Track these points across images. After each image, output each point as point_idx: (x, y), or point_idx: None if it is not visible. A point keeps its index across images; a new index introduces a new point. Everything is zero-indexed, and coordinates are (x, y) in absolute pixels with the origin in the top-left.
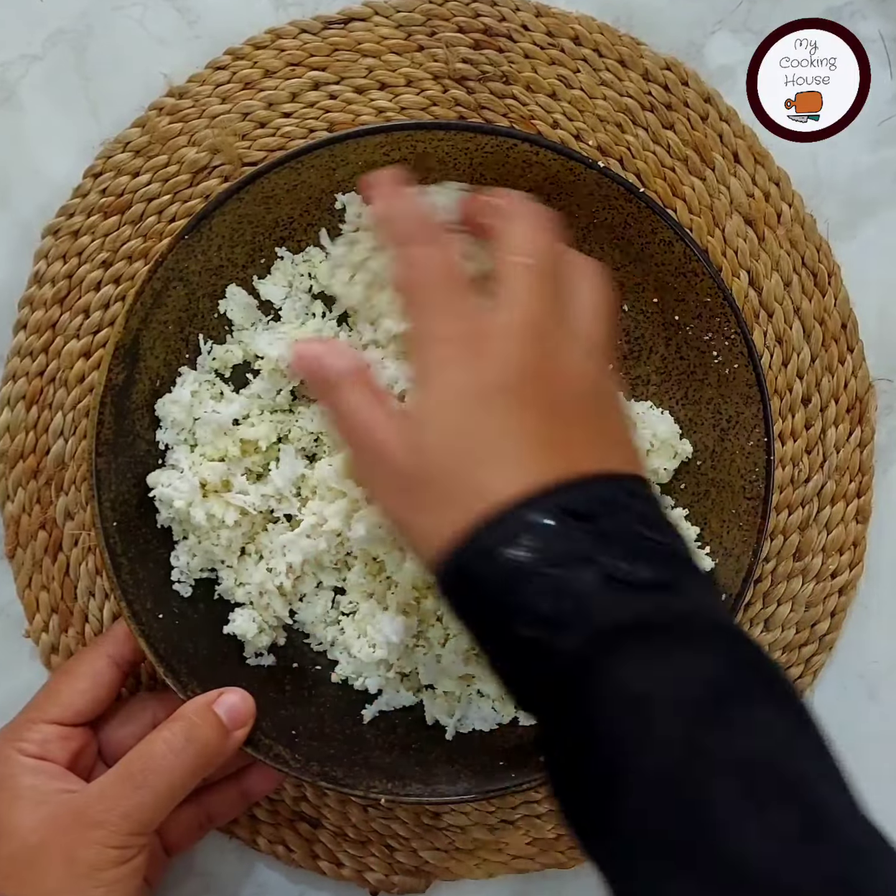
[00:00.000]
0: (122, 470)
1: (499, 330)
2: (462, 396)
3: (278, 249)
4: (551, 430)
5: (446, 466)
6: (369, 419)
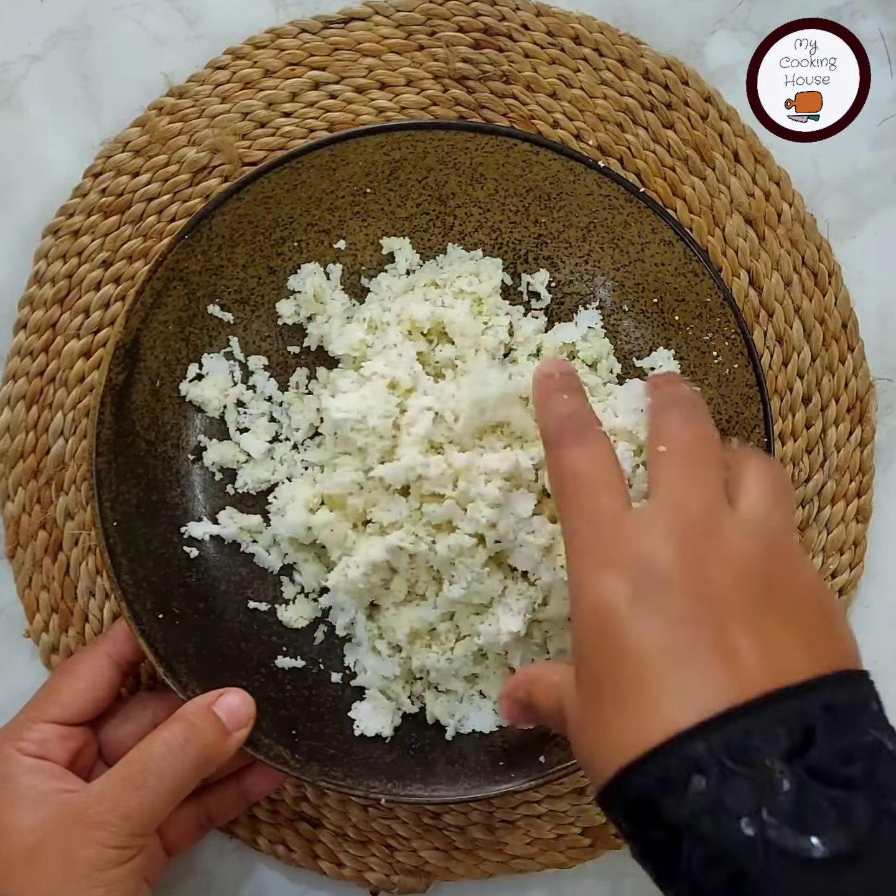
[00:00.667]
0: (122, 470)
1: (638, 528)
2: (606, 606)
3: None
4: (703, 636)
5: (604, 682)
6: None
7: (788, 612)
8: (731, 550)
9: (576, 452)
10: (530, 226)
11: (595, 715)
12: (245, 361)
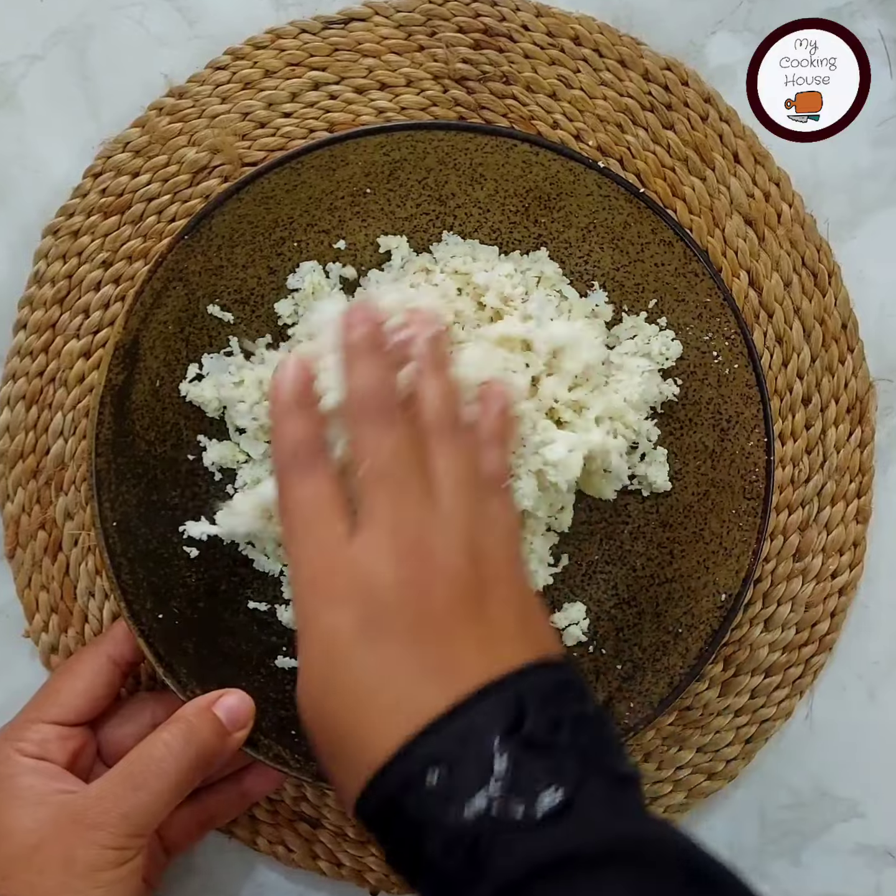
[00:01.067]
0: (121, 470)
1: (356, 556)
2: (333, 643)
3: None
4: (425, 652)
5: (332, 725)
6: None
7: (497, 614)
8: (440, 563)
9: (302, 482)
10: (530, 226)
11: (330, 749)
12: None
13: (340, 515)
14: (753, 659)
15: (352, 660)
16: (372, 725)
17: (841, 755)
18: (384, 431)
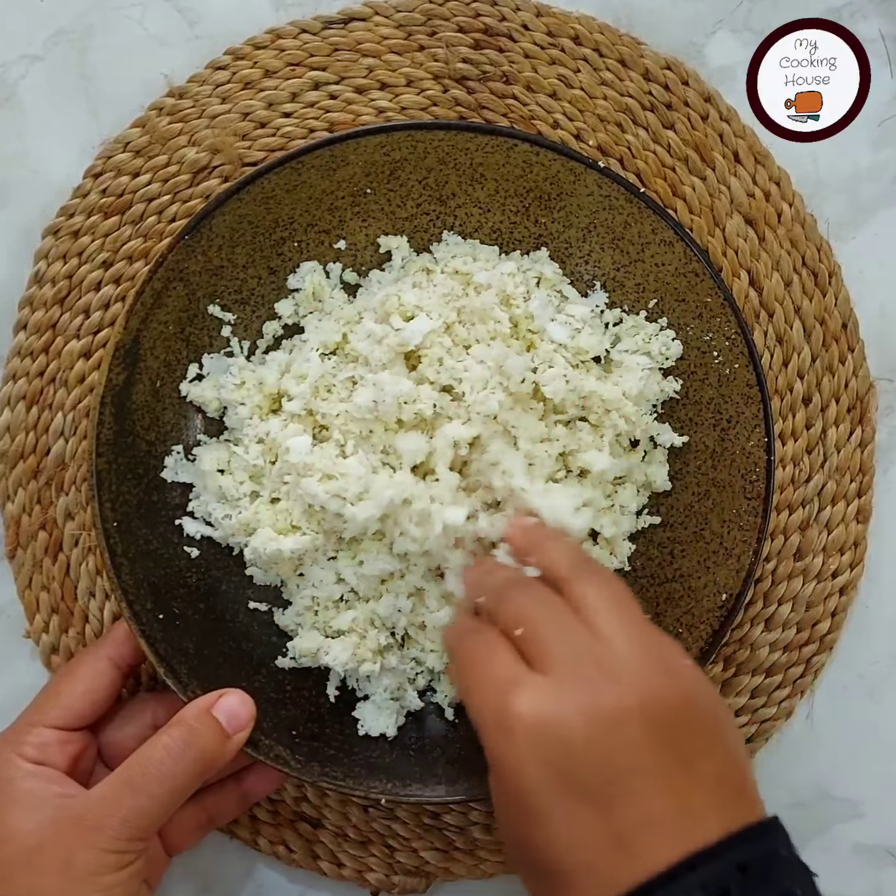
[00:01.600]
0: (122, 470)
1: (545, 703)
2: (526, 793)
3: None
4: (618, 815)
5: (530, 861)
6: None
7: (702, 773)
8: (644, 706)
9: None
10: (530, 226)
11: (526, 875)
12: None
13: (513, 654)
14: (754, 659)
15: (549, 815)
16: (572, 886)
17: (841, 755)
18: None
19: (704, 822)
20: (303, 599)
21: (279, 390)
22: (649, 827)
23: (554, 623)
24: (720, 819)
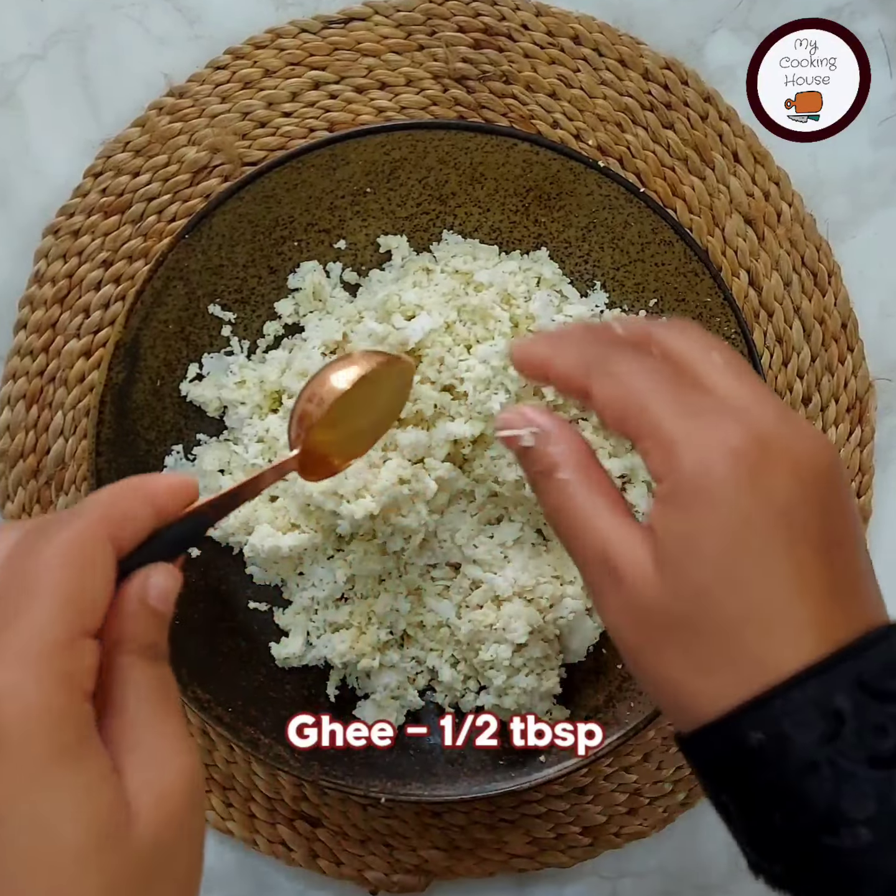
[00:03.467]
0: (122, 470)
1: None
2: (730, 526)
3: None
4: (828, 572)
5: (721, 620)
6: (600, 528)
7: (849, 551)
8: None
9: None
10: (530, 225)
11: (688, 645)
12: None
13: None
14: None
15: (757, 550)
16: (777, 637)
17: None
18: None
19: (846, 622)
20: (302, 599)
21: (280, 389)
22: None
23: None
24: (858, 621)
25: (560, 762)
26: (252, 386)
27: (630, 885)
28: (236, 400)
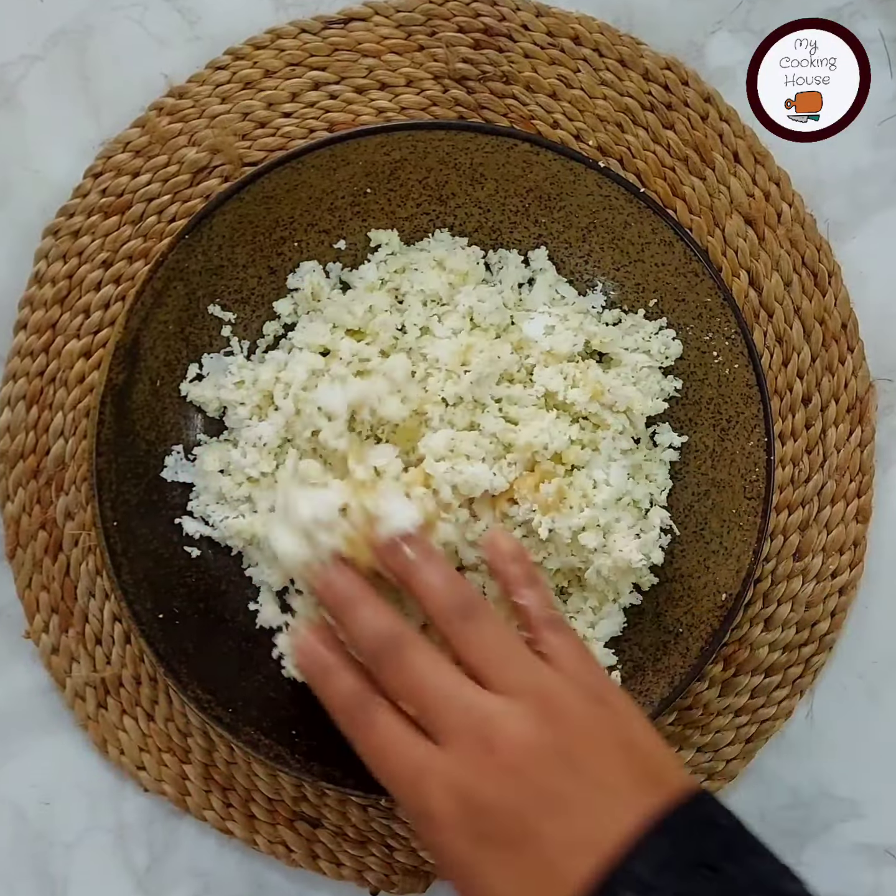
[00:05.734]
0: (122, 470)
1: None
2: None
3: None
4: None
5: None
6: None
7: (598, 765)
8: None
9: (370, 730)
10: (530, 226)
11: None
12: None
13: (419, 736)
14: (753, 658)
15: (481, 875)
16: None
17: (841, 755)
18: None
19: (621, 817)
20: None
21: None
22: (569, 850)
23: (444, 690)
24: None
25: None
26: (251, 386)
27: None
28: (235, 400)
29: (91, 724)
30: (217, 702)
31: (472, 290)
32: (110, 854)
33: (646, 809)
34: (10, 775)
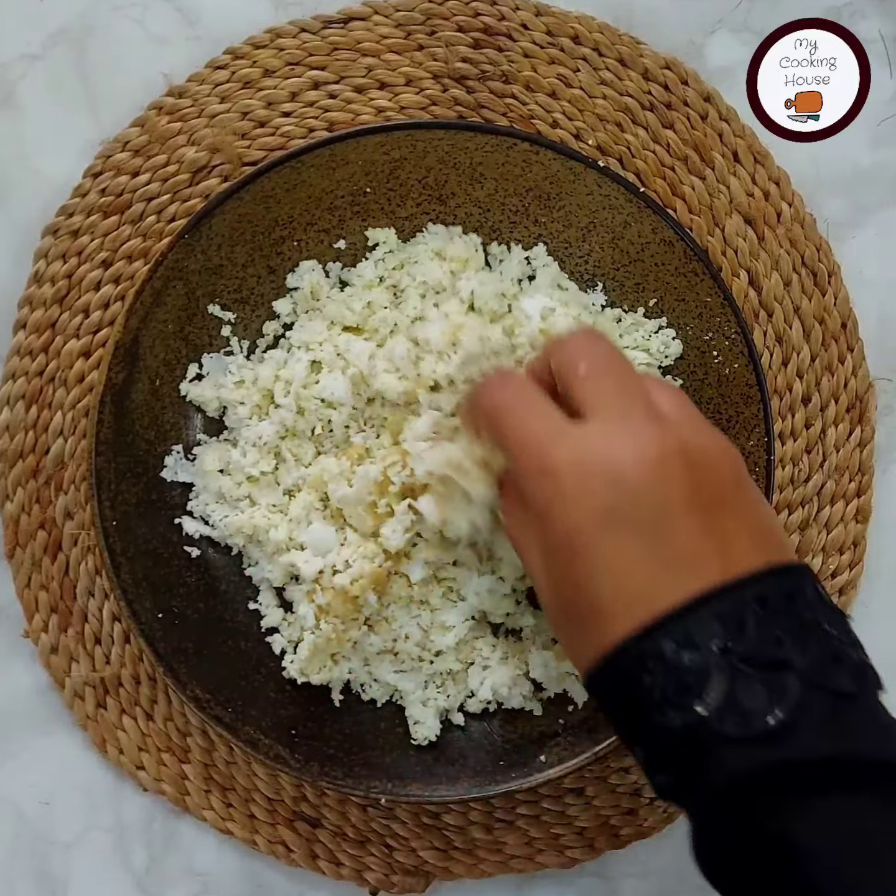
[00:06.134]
0: (121, 469)
1: (594, 442)
2: (578, 532)
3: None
4: (665, 544)
5: (571, 601)
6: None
7: (736, 513)
8: (685, 450)
9: (503, 386)
10: (530, 225)
11: (564, 621)
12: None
13: (553, 405)
14: None
15: (597, 548)
16: (611, 612)
17: None
18: (595, 340)
19: (743, 560)
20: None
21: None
22: (692, 560)
23: (617, 377)
24: (757, 560)
25: (560, 762)
26: (251, 385)
27: (630, 885)
28: (235, 400)
29: (90, 724)
30: (216, 701)
31: (473, 275)
32: (110, 854)
33: (763, 565)
34: (10, 775)
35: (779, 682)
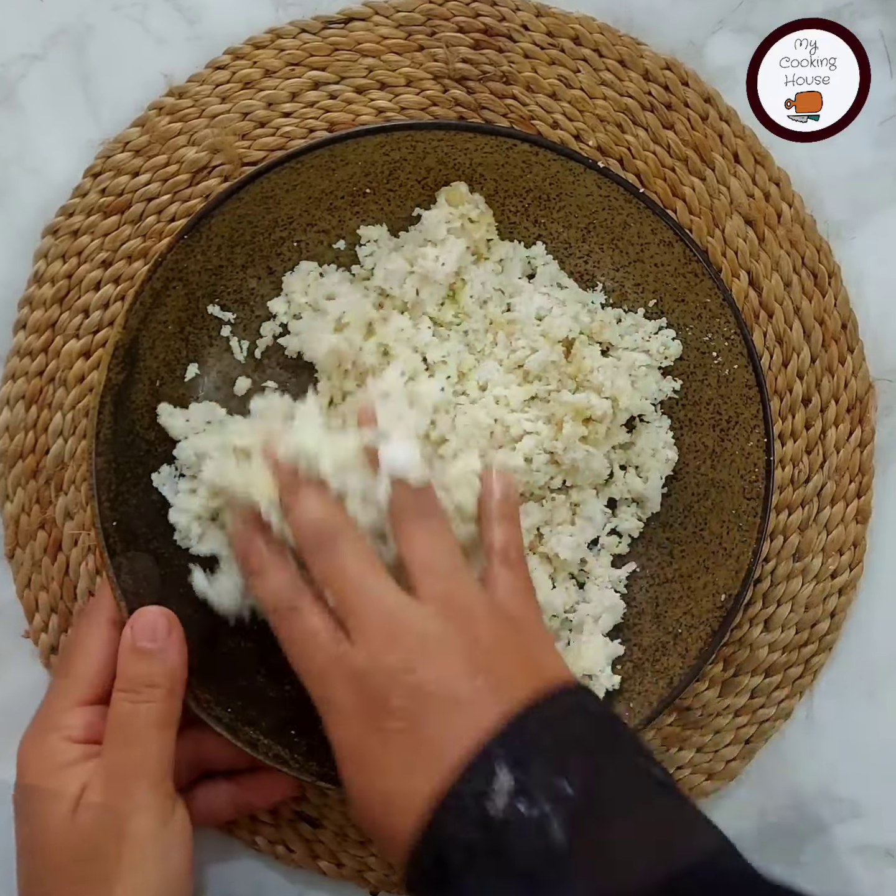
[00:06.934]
0: (121, 470)
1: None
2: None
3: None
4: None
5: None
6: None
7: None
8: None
9: (298, 618)
10: (530, 226)
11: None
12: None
13: (338, 630)
14: (753, 659)
15: (371, 747)
16: (396, 801)
17: (841, 755)
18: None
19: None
20: None
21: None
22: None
23: (362, 580)
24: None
25: None
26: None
27: None
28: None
29: None
30: (216, 702)
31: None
32: None
33: (528, 695)
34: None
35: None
